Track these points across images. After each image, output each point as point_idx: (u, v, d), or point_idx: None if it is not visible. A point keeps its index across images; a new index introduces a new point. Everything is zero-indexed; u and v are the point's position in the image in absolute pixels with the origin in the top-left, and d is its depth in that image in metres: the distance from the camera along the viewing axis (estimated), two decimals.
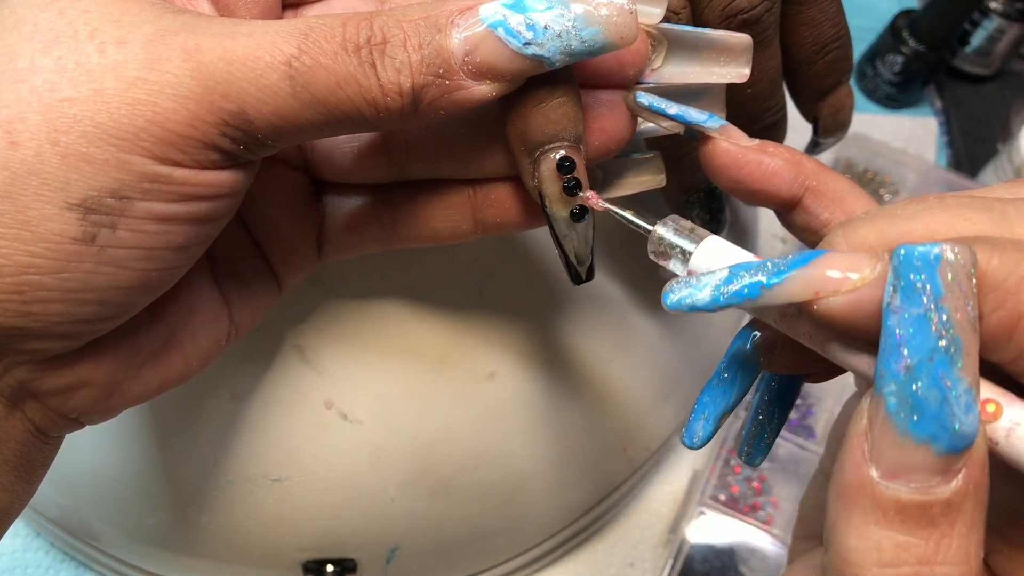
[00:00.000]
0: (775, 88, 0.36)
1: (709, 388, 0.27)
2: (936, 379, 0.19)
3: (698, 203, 0.38)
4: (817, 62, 0.36)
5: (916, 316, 0.19)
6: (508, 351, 0.40)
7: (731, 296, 0.22)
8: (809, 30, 0.35)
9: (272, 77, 0.22)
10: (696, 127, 0.27)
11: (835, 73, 0.37)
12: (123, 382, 0.26)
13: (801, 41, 0.36)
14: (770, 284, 0.21)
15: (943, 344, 0.19)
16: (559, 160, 0.26)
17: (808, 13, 0.35)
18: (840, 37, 0.36)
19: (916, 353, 0.19)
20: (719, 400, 0.27)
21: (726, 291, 0.22)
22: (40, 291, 0.22)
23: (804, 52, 0.36)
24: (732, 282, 0.22)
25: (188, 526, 0.40)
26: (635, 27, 0.24)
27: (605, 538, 0.53)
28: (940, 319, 0.19)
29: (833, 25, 0.36)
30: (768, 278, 0.22)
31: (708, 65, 0.29)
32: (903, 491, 0.19)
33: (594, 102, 0.27)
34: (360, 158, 0.29)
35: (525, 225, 0.30)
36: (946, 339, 0.19)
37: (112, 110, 0.21)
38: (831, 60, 0.36)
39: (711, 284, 0.22)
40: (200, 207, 0.23)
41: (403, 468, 0.39)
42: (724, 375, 0.27)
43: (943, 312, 0.19)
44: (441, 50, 0.23)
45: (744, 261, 0.23)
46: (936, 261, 0.19)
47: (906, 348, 0.19)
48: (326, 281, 0.37)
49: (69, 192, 0.21)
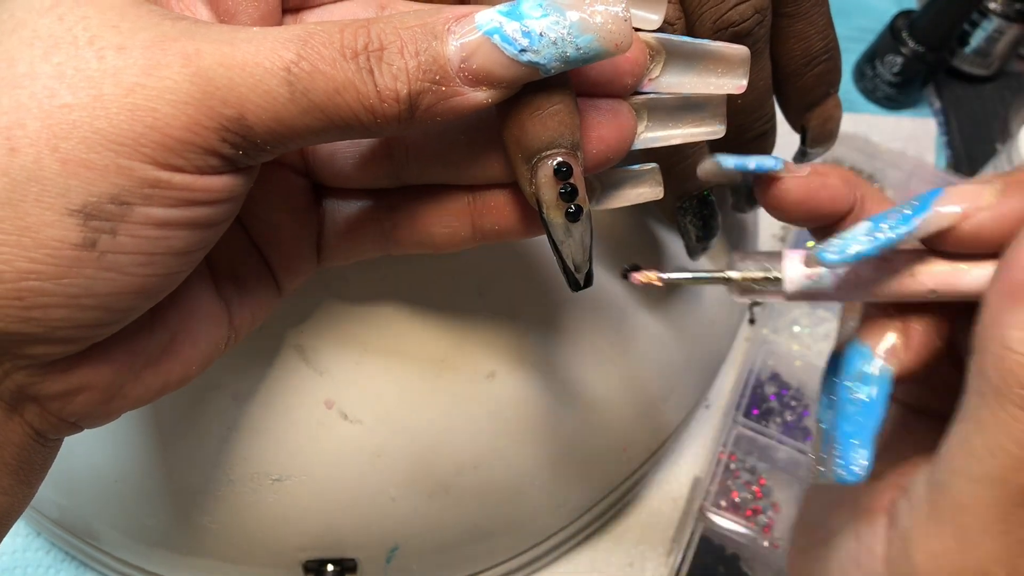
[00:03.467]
0: (765, 99, 0.37)
1: (845, 416, 0.26)
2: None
3: (691, 210, 0.38)
4: (806, 74, 0.37)
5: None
6: (508, 352, 0.40)
7: (888, 235, 0.24)
8: (798, 43, 0.36)
9: (271, 83, 0.22)
10: (772, 173, 0.27)
11: (823, 85, 0.38)
12: (123, 386, 0.26)
13: (791, 53, 0.36)
14: (920, 213, 0.24)
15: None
16: (556, 166, 0.26)
17: (798, 26, 0.36)
18: (829, 50, 0.37)
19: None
20: (867, 421, 0.26)
21: (880, 235, 0.24)
22: (41, 296, 0.22)
23: (793, 64, 0.37)
24: (881, 225, 0.24)
25: (189, 526, 0.40)
26: (630, 35, 0.24)
27: (605, 538, 0.53)
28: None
29: (822, 38, 0.36)
30: (914, 211, 0.24)
31: (705, 76, 0.29)
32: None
33: (593, 111, 0.27)
34: (361, 163, 0.30)
35: (524, 233, 0.30)
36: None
37: (111, 116, 0.21)
38: (820, 72, 0.37)
39: (862, 232, 0.24)
40: (200, 212, 0.23)
41: (403, 468, 0.39)
42: (858, 396, 0.26)
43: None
44: (438, 57, 0.23)
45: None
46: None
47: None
48: (327, 282, 0.37)
49: (69, 198, 0.21)
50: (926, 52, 0.73)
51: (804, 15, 0.35)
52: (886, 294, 0.26)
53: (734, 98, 0.33)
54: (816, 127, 0.39)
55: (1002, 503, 0.23)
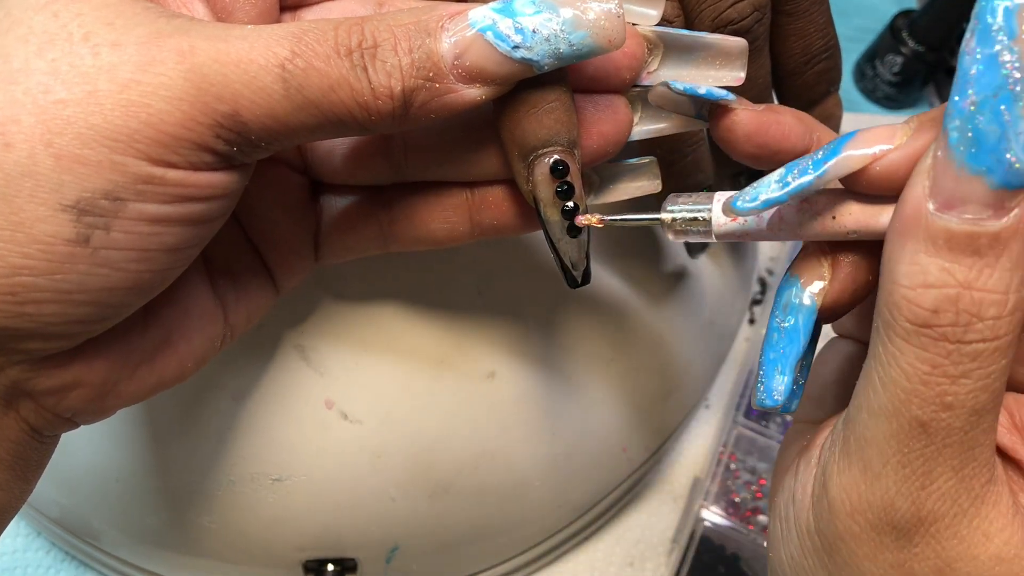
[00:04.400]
0: (765, 97, 0.37)
1: (771, 344, 0.27)
2: (998, 114, 0.20)
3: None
4: (806, 72, 0.37)
5: (987, 56, 0.20)
6: (508, 351, 0.40)
7: (799, 180, 0.24)
8: (799, 41, 0.36)
9: (266, 79, 0.22)
10: (723, 102, 0.27)
11: (824, 83, 0.38)
12: (118, 382, 0.26)
13: (791, 52, 0.36)
14: (830, 158, 0.24)
15: (1010, 82, 0.20)
16: (552, 164, 0.26)
17: (798, 24, 0.36)
18: (829, 48, 0.37)
19: (982, 91, 0.20)
20: (788, 348, 0.27)
21: (792, 179, 0.24)
22: (34, 292, 0.22)
23: (793, 62, 0.37)
24: (791, 173, 0.24)
25: (189, 526, 0.40)
26: (623, 31, 0.24)
27: (605, 538, 0.53)
28: (1010, 59, 0.20)
29: (822, 36, 0.36)
30: (825, 155, 0.24)
31: (704, 68, 0.29)
32: (954, 222, 0.21)
33: (590, 106, 0.27)
34: (359, 160, 0.30)
35: (522, 228, 0.30)
36: (1012, 80, 0.20)
37: (106, 112, 0.21)
38: (820, 70, 0.37)
39: (774, 180, 0.24)
40: (194, 208, 0.23)
41: (403, 468, 0.39)
42: (784, 324, 0.27)
43: (1014, 53, 0.20)
44: (431, 54, 0.23)
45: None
46: (1015, 7, 0.20)
47: (974, 86, 0.20)
48: (326, 281, 0.37)
49: (63, 194, 0.21)
50: (926, 52, 0.73)
51: (804, 13, 0.35)
52: (810, 234, 0.26)
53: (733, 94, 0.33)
54: None
55: (898, 436, 0.23)
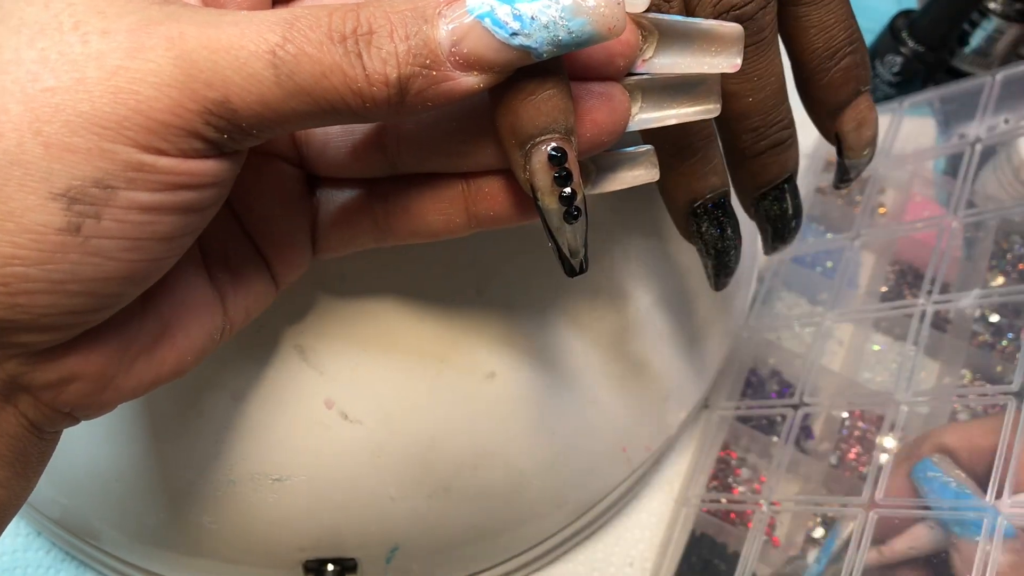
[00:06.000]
0: (779, 100, 0.33)
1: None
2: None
3: (706, 216, 0.35)
4: (831, 69, 0.33)
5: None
6: (508, 351, 0.40)
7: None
8: (819, 34, 0.33)
9: (256, 65, 0.22)
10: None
11: (852, 81, 0.34)
12: (116, 376, 0.26)
13: (811, 47, 0.33)
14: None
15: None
16: (550, 152, 0.26)
17: (816, 15, 0.32)
18: (854, 40, 0.33)
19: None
20: None
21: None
22: (25, 283, 0.22)
23: (815, 59, 0.33)
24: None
25: (189, 526, 0.40)
26: (623, 18, 0.24)
27: (605, 538, 0.53)
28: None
29: (845, 28, 0.33)
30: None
31: (699, 55, 0.28)
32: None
33: (585, 94, 0.27)
34: (354, 152, 0.29)
35: (518, 218, 0.30)
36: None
37: (94, 99, 0.21)
38: (846, 66, 0.33)
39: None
40: (185, 196, 0.23)
41: (403, 468, 0.39)
42: None
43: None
44: (428, 41, 0.23)
45: None
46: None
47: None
48: (326, 280, 0.37)
49: (52, 182, 0.21)
50: (926, 52, 0.73)
51: (822, 2, 0.32)
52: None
53: (744, 95, 0.32)
54: (850, 132, 0.35)
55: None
